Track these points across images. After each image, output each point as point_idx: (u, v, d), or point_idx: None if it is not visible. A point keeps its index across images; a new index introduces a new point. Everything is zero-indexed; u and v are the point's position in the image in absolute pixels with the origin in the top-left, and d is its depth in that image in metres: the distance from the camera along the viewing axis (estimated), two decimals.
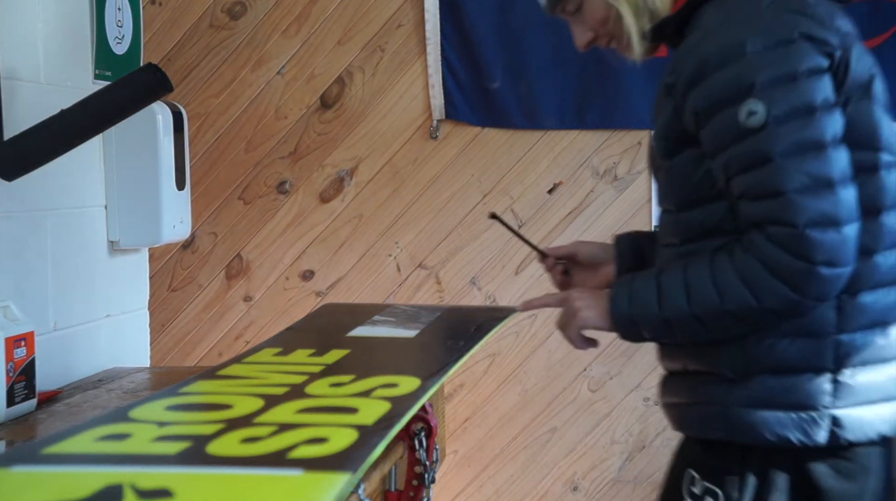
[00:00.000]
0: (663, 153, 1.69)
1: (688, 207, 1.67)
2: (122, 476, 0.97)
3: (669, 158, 1.68)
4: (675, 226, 1.70)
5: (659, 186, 1.77)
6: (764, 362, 1.63)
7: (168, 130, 2.44)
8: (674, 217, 1.70)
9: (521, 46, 3.22)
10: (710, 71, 1.58)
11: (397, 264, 3.36)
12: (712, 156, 1.61)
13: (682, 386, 1.74)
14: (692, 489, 1.70)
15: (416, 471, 1.85)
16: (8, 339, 1.83)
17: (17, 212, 2.10)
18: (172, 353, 3.45)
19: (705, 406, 1.68)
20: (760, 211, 1.56)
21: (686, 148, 1.65)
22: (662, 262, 1.74)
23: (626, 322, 1.69)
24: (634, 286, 1.69)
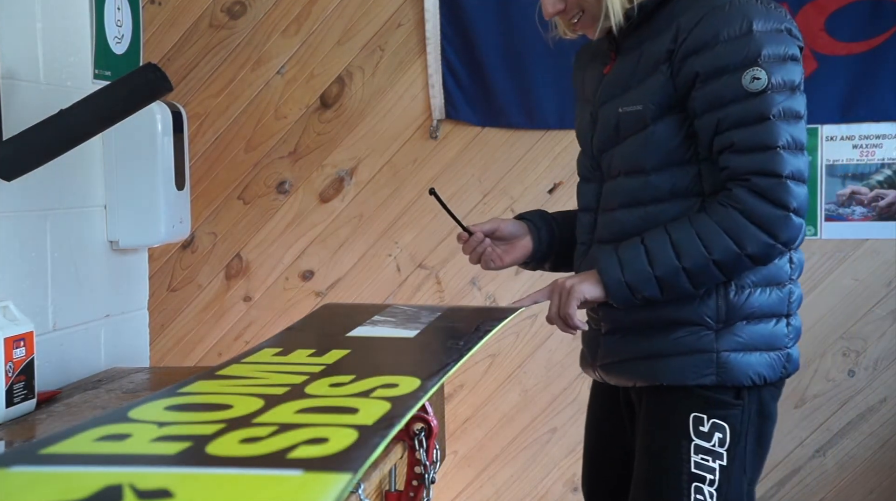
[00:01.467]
0: (644, 117, 1.88)
1: (661, 169, 1.89)
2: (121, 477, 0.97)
3: (652, 122, 1.88)
4: (642, 189, 1.90)
5: (623, 152, 1.92)
6: (742, 311, 1.90)
7: (167, 130, 2.43)
8: (642, 180, 1.90)
9: (521, 46, 3.22)
10: (721, 41, 1.82)
11: (397, 264, 3.36)
12: (702, 113, 1.84)
13: (658, 339, 1.92)
14: (699, 428, 1.90)
15: (416, 471, 1.84)
16: (7, 339, 1.83)
17: (17, 212, 2.10)
18: (172, 353, 3.45)
19: (696, 355, 1.90)
20: (749, 162, 1.81)
21: (669, 114, 1.87)
22: (617, 226, 1.93)
23: (622, 287, 1.87)
24: (621, 254, 1.88)
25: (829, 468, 3.27)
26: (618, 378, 2.03)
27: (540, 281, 3.30)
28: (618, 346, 1.99)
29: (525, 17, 3.22)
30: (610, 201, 1.96)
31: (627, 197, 1.93)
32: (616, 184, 1.95)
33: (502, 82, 3.25)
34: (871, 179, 3.17)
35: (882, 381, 3.26)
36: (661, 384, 1.94)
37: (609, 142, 1.95)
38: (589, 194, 2.03)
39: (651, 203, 1.90)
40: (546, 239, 2.12)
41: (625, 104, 1.91)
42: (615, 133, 1.94)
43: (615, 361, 2.00)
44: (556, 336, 3.31)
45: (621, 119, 1.92)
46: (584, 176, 2.06)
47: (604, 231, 1.97)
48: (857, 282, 3.22)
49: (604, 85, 1.98)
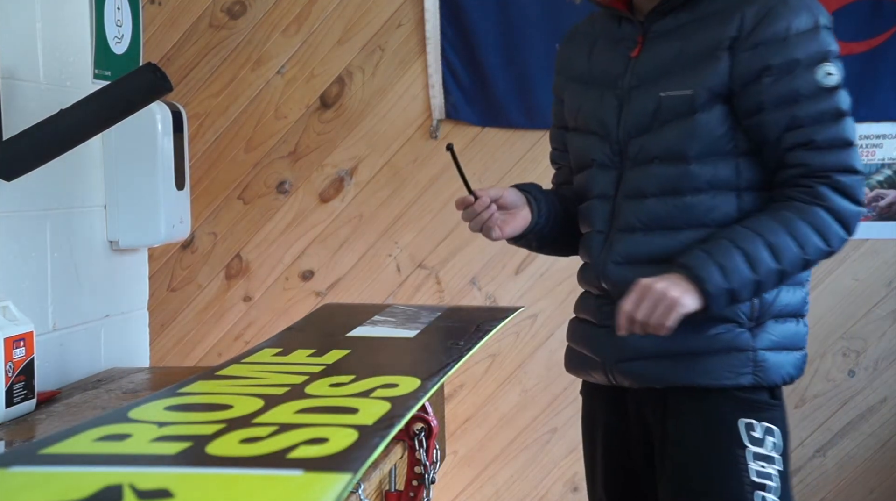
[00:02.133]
0: (693, 103, 1.81)
1: (702, 159, 1.82)
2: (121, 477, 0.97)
3: (700, 109, 1.81)
4: (681, 178, 1.83)
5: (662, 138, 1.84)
6: (772, 309, 1.84)
7: (167, 130, 2.43)
8: (682, 169, 1.83)
9: (521, 46, 3.22)
10: (791, 34, 1.78)
11: (397, 264, 3.36)
12: (772, 108, 1.78)
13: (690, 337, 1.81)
14: (752, 434, 1.83)
15: (416, 471, 1.84)
16: (7, 339, 1.83)
17: (17, 212, 2.10)
18: (172, 353, 3.45)
19: (733, 354, 1.83)
20: (830, 159, 1.78)
21: (719, 103, 1.81)
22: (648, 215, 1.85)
23: (725, 295, 1.76)
24: (720, 260, 1.76)
25: (829, 468, 3.27)
26: (639, 379, 1.90)
27: (541, 281, 3.30)
28: (641, 343, 1.85)
29: (525, 17, 3.23)
30: (638, 189, 1.87)
31: (663, 185, 1.85)
32: (648, 171, 1.86)
33: (502, 82, 3.25)
34: (871, 179, 3.17)
35: (882, 381, 3.25)
36: (693, 385, 1.84)
37: (643, 127, 1.87)
38: (605, 180, 1.92)
39: (688, 193, 1.83)
40: (545, 212, 2.00)
41: (669, 89, 1.84)
42: (652, 118, 1.86)
43: (637, 359, 1.88)
44: (556, 336, 3.31)
45: (662, 104, 1.84)
46: (599, 162, 1.94)
47: (631, 219, 1.87)
48: (858, 282, 3.22)
49: (635, 68, 1.89)
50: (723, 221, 1.82)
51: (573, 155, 2.02)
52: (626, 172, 1.89)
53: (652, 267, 1.82)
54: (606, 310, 1.91)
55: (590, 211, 1.95)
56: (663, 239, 1.85)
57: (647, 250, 1.86)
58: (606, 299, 1.92)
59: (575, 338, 2.05)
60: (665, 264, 1.81)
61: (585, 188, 1.97)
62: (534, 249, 2.09)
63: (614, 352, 1.90)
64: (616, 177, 1.91)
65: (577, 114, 1.99)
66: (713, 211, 1.83)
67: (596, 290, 1.96)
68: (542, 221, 1.99)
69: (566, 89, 2.04)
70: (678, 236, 1.84)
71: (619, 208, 1.90)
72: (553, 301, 3.30)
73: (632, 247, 1.87)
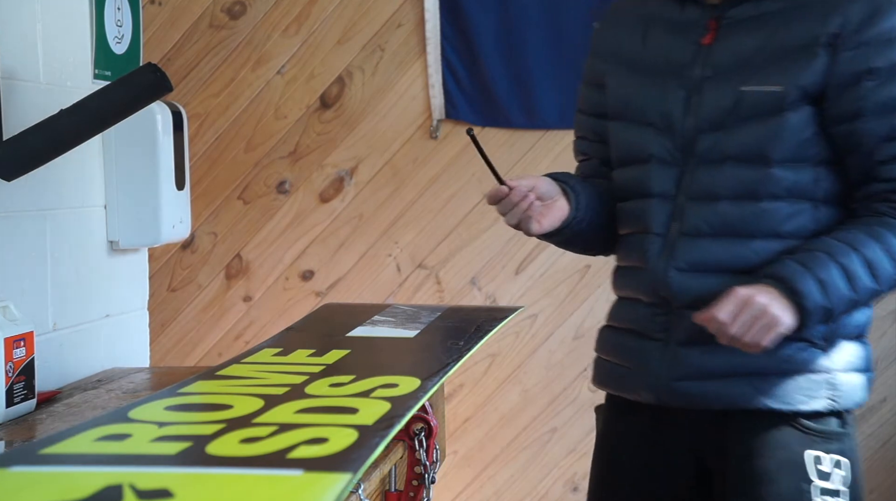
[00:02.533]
0: (782, 101, 1.66)
1: (785, 163, 1.68)
2: (121, 477, 0.97)
3: (790, 108, 1.67)
4: (760, 181, 1.68)
5: (741, 137, 1.69)
6: (845, 328, 1.72)
7: (168, 130, 2.43)
8: (762, 172, 1.68)
9: (521, 46, 3.22)
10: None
11: (397, 264, 3.36)
12: (872, 115, 1.65)
13: (759, 354, 1.65)
14: (819, 468, 1.70)
15: (416, 471, 1.84)
16: (7, 339, 1.82)
17: (17, 212, 2.10)
18: (172, 353, 3.45)
19: (808, 375, 1.69)
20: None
21: (808, 104, 1.67)
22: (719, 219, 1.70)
23: (822, 313, 1.63)
24: (818, 275, 1.62)
25: None
26: (698, 400, 1.72)
27: (541, 281, 3.30)
28: (703, 360, 1.70)
29: (525, 17, 3.23)
30: (708, 190, 1.71)
31: (738, 188, 1.69)
32: (720, 171, 1.70)
33: (502, 82, 3.25)
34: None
35: (882, 381, 3.25)
36: (760, 408, 1.69)
37: (716, 123, 1.70)
38: (665, 178, 1.74)
39: (766, 199, 1.68)
40: (583, 205, 1.79)
41: (752, 83, 1.68)
42: (729, 114, 1.69)
43: (697, 378, 1.71)
44: (555, 336, 3.32)
45: (744, 99, 1.68)
46: (660, 158, 1.76)
47: (698, 223, 1.71)
48: None
49: (708, 57, 1.73)
50: (797, 232, 1.69)
51: (618, 148, 1.84)
52: (693, 170, 1.73)
53: (719, 276, 1.68)
54: (661, 321, 1.75)
55: (644, 211, 1.78)
56: (734, 247, 1.70)
57: (714, 257, 1.71)
58: (662, 309, 1.75)
59: (613, 350, 1.86)
60: (734, 275, 1.68)
61: (637, 185, 1.79)
62: (563, 244, 1.89)
63: (670, 369, 1.74)
64: (677, 175, 1.74)
65: (628, 103, 1.81)
66: (790, 220, 1.69)
67: (648, 298, 1.77)
68: (580, 215, 1.79)
69: (610, 74, 1.85)
70: (750, 245, 1.69)
71: (683, 209, 1.73)
72: (553, 301, 3.30)
73: (698, 253, 1.71)
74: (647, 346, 1.77)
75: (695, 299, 1.69)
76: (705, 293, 1.67)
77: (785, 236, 1.69)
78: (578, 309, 3.30)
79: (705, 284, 1.68)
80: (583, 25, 3.17)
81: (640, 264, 1.78)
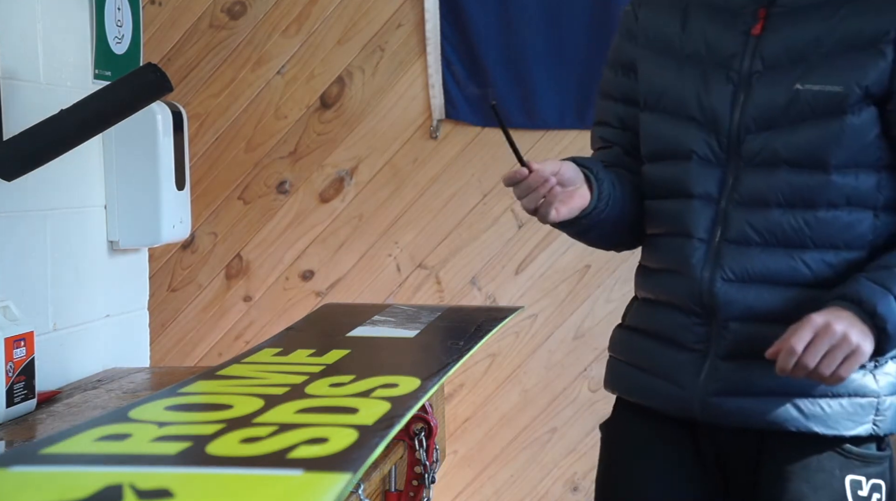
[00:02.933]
0: (843, 102, 1.55)
1: (845, 169, 1.56)
2: (121, 477, 0.97)
3: (851, 111, 1.55)
4: (818, 189, 1.56)
5: (797, 139, 1.57)
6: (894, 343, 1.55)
7: (168, 130, 2.43)
8: (821, 178, 1.56)
9: (521, 46, 3.22)
10: None
11: (397, 264, 3.36)
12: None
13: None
14: (858, 493, 1.59)
15: (416, 471, 1.84)
16: (7, 339, 1.83)
17: (17, 212, 2.10)
18: (172, 353, 3.45)
19: (855, 399, 1.58)
20: None
21: (871, 105, 1.55)
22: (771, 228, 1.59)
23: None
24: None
25: None
26: (736, 418, 1.62)
27: (541, 281, 3.30)
28: (743, 376, 1.60)
29: (525, 17, 3.23)
30: (760, 195, 1.59)
31: (792, 195, 1.57)
32: (774, 176, 1.58)
33: (502, 82, 3.25)
34: None
35: None
36: (803, 431, 1.59)
37: (768, 123, 1.58)
38: (707, 179, 1.63)
39: (823, 207, 1.57)
40: (606, 196, 1.67)
41: (809, 81, 1.55)
42: (783, 114, 1.57)
43: (738, 394, 1.61)
44: (555, 336, 3.32)
45: (799, 99, 1.56)
46: (702, 157, 1.64)
47: (747, 231, 1.60)
48: None
49: (758, 49, 1.60)
50: (854, 242, 1.58)
51: (652, 141, 1.71)
52: (738, 172, 1.61)
53: (768, 288, 1.59)
54: (701, 331, 1.64)
55: (683, 213, 1.66)
56: (785, 257, 1.59)
57: (764, 268, 1.59)
58: (702, 320, 1.64)
59: (637, 355, 1.75)
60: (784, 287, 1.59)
61: (675, 184, 1.67)
62: (576, 235, 1.76)
63: (707, 382, 1.63)
64: (721, 176, 1.62)
65: (663, 93, 1.68)
66: (848, 230, 1.58)
67: (687, 306, 1.66)
68: (603, 205, 1.67)
69: (643, 59, 1.72)
70: (804, 256, 1.59)
71: (729, 214, 1.62)
72: (553, 301, 3.30)
73: (746, 263, 1.60)
74: (680, 357, 1.66)
75: (741, 311, 1.60)
76: (753, 306, 1.59)
77: (841, 248, 1.58)
78: (578, 309, 3.30)
79: (753, 296, 1.59)
80: (583, 26, 3.17)
81: (678, 269, 1.67)
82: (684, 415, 1.67)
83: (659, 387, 1.69)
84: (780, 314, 1.57)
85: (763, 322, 1.59)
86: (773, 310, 1.59)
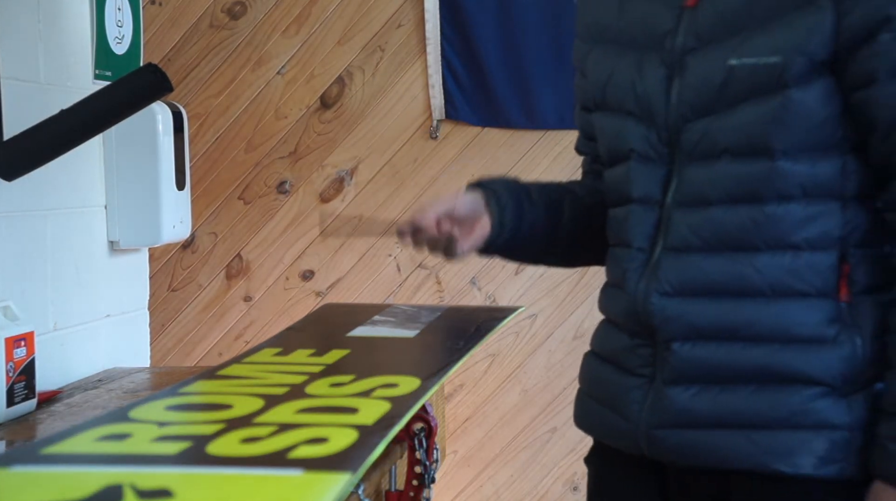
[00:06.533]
0: (783, 75, 1.30)
1: (795, 154, 1.31)
2: (121, 476, 0.97)
3: (794, 83, 1.30)
4: (764, 179, 1.32)
5: (736, 124, 1.34)
6: (875, 365, 1.32)
7: (168, 130, 2.44)
8: (765, 166, 1.32)
9: (521, 46, 3.22)
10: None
11: (397, 264, 3.36)
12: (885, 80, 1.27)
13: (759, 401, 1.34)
14: None
15: (416, 471, 1.84)
16: (8, 339, 1.83)
17: (17, 212, 2.10)
18: (172, 353, 3.45)
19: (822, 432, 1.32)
20: None
21: (821, 75, 1.29)
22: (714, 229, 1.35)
23: None
24: None
25: None
26: (685, 454, 1.38)
27: (541, 281, 3.30)
28: (692, 405, 1.36)
29: (525, 17, 3.23)
30: (700, 193, 1.36)
31: (736, 189, 1.33)
32: (715, 169, 1.35)
33: (502, 82, 3.25)
34: None
35: None
36: (762, 469, 1.33)
37: (705, 108, 1.35)
38: (649, 180, 1.40)
39: (773, 201, 1.32)
40: (511, 219, 1.49)
41: (743, 54, 1.31)
42: (719, 95, 1.33)
43: (685, 427, 1.37)
44: (555, 336, 3.32)
45: (734, 75, 1.31)
46: (642, 154, 1.41)
47: (686, 235, 1.37)
48: None
49: (691, 23, 1.36)
50: (819, 241, 1.33)
51: (603, 143, 1.50)
52: (681, 169, 1.38)
53: (714, 301, 1.36)
54: (645, 354, 1.41)
55: (624, 220, 1.45)
56: (731, 264, 1.35)
57: (706, 277, 1.36)
58: (646, 341, 1.41)
59: (594, 384, 1.53)
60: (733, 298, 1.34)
61: (619, 188, 1.46)
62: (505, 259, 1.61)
63: (652, 413, 1.40)
64: (664, 175, 1.40)
65: (605, 87, 1.46)
66: (806, 226, 1.32)
67: (629, 326, 1.44)
68: (507, 232, 1.49)
69: (589, 56, 1.51)
70: (754, 261, 1.34)
71: (670, 218, 1.39)
72: (553, 301, 3.30)
73: (686, 273, 1.37)
74: (628, 383, 1.44)
75: (683, 329, 1.37)
76: (695, 323, 1.36)
77: (802, 248, 1.33)
78: (578, 309, 3.30)
79: (695, 311, 1.35)
80: None
81: (618, 284, 1.46)
82: (637, 452, 1.43)
83: (611, 421, 1.47)
84: (729, 332, 1.35)
85: (709, 341, 1.36)
86: (720, 327, 1.35)
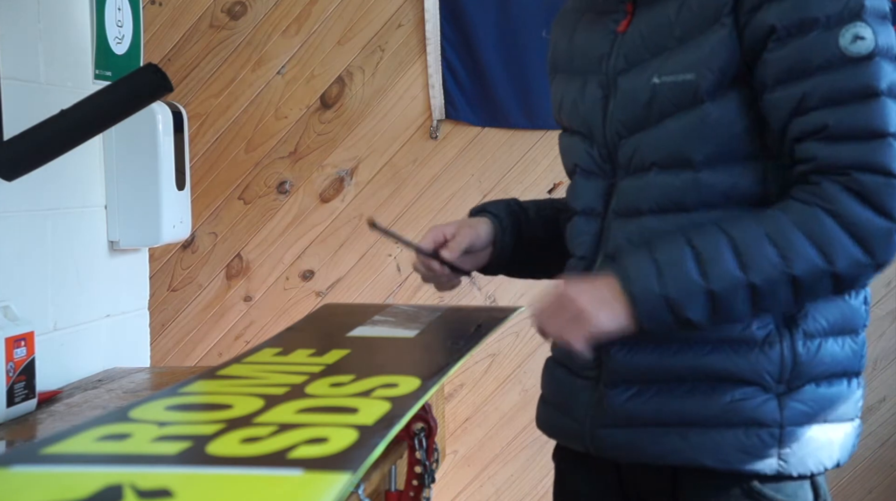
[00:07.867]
0: (697, 90, 1.38)
1: (714, 164, 1.40)
2: (122, 476, 0.97)
3: (708, 97, 1.38)
4: (688, 189, 1.41)
5: (660, 138, 1.43)
6: (811, 369, 1.40)
7: (168, 130, 2.44)
8: (689, 177, 1.40)
9: (521, 46, 3.23)
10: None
11: (397, 264, 3.36)
12: (776, 84, 1.35)
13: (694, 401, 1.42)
14: None
15: (416, 471, 1.84)
16: (8, 339, 1.83)
17: (17, 212, 2.10)
18: (172, 353, 3.45)
19: (753, 429, 1.40)
20: (848, 153, 1.31)
21: (732, 87, 1.38)
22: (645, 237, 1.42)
23: (657, 306, 1.33)
24: (659, 258, 1.35)
25: None
26: (627, 453, 1.47)
27: (541, 281, 3.30)
28: (630, 406, 1.45)
29: (525, 17, 3.23)
30: (633, 204, 1.46)
31: (664, 199, 1.42)
32: (645, 181, 1.44)
33: (502, 82, 3.25)
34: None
35: (881, 381, 3.25)
36: (701, 466, 1.42)
37: (635, 124, 1.44)
38: (591, 193, 1.52)
39: (698, 208, 1.40)
40: (510, 243, 1.65)
41: (664, 73, 1.40)
42: (646, 112, 1.43)
43: (624, 425, 1.46)
44: None
45: (658, 93, 1.41)
46: (585, 169, 1.53)
47: (622, 244, 1.47)
48: None
49: (622, 47, 1.47)
50: None
51: (562, 160, 1.64)
52: (619, 182, 1.48)
53: None
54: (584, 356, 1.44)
55: (573, 231, 1.56)
56: None
57: None
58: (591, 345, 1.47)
59: (548, 387, 1.66)
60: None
61: (570, 201, 1.59)
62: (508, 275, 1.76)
63: (596, 413, 1.49)
64: (605, 188, 1.50)
65: (560, 109, 1.60)
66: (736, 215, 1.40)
67: None
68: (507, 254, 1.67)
69: (552, 84, 1.64)
70: None
71: (609, 227, 1.49)
72: None
73: None
74: (576, 385, 1.54)
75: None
76: None
77: None
78: None
79: None
80: None
81: None
82: (585, 451, 1.53)
83: (563, 422, 1.58)
84: (662, 336, 1.42)
85: (644, 345, 1.43)
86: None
